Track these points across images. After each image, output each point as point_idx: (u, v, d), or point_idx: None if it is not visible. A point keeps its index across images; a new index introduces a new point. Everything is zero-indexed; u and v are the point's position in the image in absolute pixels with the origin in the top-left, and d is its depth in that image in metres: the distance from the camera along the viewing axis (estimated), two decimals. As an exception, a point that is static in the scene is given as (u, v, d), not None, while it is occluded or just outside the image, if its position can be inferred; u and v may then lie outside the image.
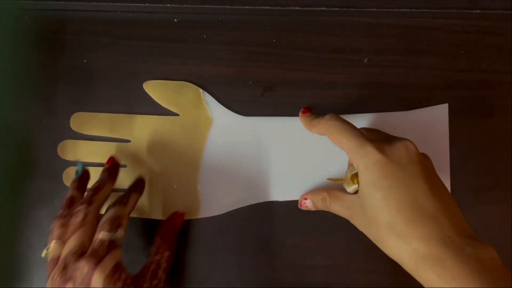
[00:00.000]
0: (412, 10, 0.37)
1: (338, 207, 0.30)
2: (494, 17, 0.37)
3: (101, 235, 0.28)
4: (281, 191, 0.36)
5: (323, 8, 0.37)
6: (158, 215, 0.36)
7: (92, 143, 0.36)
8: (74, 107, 0.37)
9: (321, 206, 0.32)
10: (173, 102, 0.37)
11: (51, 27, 0.38)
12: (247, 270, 0.36)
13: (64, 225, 0.29)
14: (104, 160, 0.36)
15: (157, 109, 0.37)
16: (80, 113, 0.37)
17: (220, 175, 0.36)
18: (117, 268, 0.27)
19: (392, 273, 0.36)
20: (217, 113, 0.37)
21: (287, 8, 0.37)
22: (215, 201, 0.36)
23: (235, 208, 0.36)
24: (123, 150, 0.36)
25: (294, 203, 0.35)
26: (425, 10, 0.37)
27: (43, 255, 0.29)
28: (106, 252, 0.27)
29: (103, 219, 0.29)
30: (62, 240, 0.28)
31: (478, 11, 0.37)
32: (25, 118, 0.37)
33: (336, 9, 0.37)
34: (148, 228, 0.36)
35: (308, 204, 0.34)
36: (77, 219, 0.29)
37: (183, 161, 0.36)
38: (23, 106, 0.37)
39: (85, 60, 0.37)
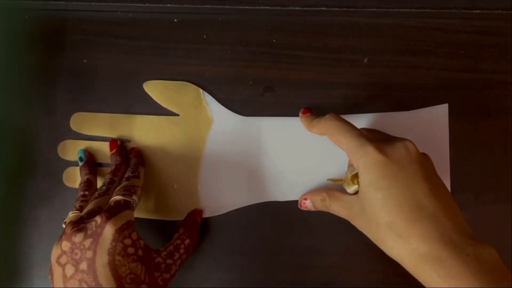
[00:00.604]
0: (412, 10, 0.37)
1: (337, 208, 0.30)
2: (494, 17, 0.37)
3: (117, 197, 0.29)
4: (281, 191, 0.36)
5: (323, 8, 0.37)
6: (158, 215, 0.36)
7: (92, 143, 0.36)
8: (74, 107, 0.37)
9: (320, 207, 0.32)
10: (173, 102, 0.37)
11: (51, 27, 0.38)
12: (247, 270, 0.36)
13: (86, 201, 0.31)
14: (104, 160, 0.36)
15: (157, 109, 0.37)
16: (80, 113, 0.37)
17: (220, 175, 0.36)
18: (129, 226, 0.28)
19: (392, 273, 0.36)
20: (217, 113, 0.37)
21: (287, 8, 0.37)
22: (215, 201, 0.36)
23: (235, 208, 0.36)
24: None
25: (294, 203, 0.35)
26: (425, 10, 0.37)
27: (63, 225, 0.30)
28: (121, 210, 0.28)
29: (118, 188, 0.31)
30: (81, 211, 0.30)
31: (478, 11, 0.37)
32: (25, 118, 0.37)
33: (336, 9, 0.37)
34: (147, 229, 0.36)
35: (307, 204, 0.34)
36: (100, 191, 0.31)
37: (183, 161, 0.36)
38: (23, 106, 0.37)
39: (85, 60, 0.37)
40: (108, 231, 0.27)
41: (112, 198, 0.29)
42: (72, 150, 0.36)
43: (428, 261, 0.24)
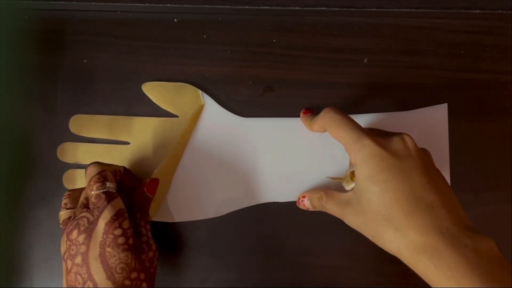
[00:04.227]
0: (412, 10, 0.37)
1: (332, 206, 0.30)
2: (494, 17, 0.37)
3: (93, 193, 0.29)
4: (281, 192, 0.36)
5: (323, 8, 0.37)
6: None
7: (91, 145, 0.36)
8: (74, 107, 0.37)
9: (317, 205, 0.32)
10: (172, 103, 0.36)
11: (51, 27, 0.38)
12: (247, 270, 0.36)
13: (68, 196, 0.32)
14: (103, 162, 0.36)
15: (156, 110, 0.37)
16: (79, 115, 0.37)
17: (220, 176, 0.36)
18: (119, 215, 0.28)
19: (392, 273, 0.36)
20: (216, 114, 0.36)
21: (287, 8, 0.37)
22: (215, 203, 0.36)
23: (235, 209, 0.36)
24: (123, 152, 0.36)
25: (294, 203, 0.35)
26: (425, 10, 0.37)
27: (61, 226, 0.32)
28: (107, 203, 0.28)
29: (87, 180, 0.30)
30: (68, 207, 0.32)
31: (478, 11, 0.37)
32: (25, 118, 0.37)
33: (336, 9, 0.37)
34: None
35: (306, 203, 0.33)
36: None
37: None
38: (22, 106, 0.37)
39: (85, 60, 0.37)
40: (100, 225, 0.28)
41: (90, 195, 0.29)
42: (71, 153, 0.36)
43: (426, 253, 0.24)
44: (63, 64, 0.37)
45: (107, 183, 0.30)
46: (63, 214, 0.32)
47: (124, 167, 0.33)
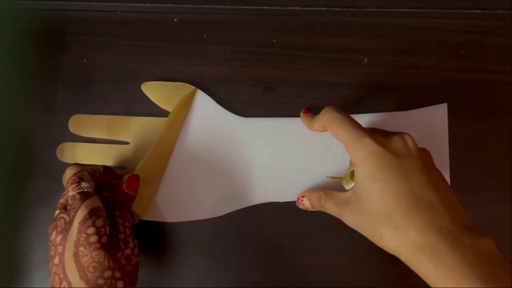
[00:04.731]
0: (412, 10, 0.37)
1: (331, 205, 0.30)
2: (494, 17, 0.37)
3: (70, 194, 0.30)
4: (280, 192, 0.36)
5: (323, 8, 0.37)
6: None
7: (90, 145, 0.36)
8: (74, 107, 0.37)
9: (316, 205, 0.32)
10: (171, 103, 0.36)
11: (51, 27, 0.38)
12: (247, 270, 0.36)
13: (64, 196, 0.32)
14: (102, 162, 0.36)
15: (156, 109, 0.37)
16: (79, 115, 0.37)
17: (219, 176, 0.36)
18: (93, 213, 0.29)
19: (392, 273, 0.36)
20: (216, 114, 0.37)
21: (287, 8, 0.37)
22: (214, 203, 0.36)
23: (236, 209, 0.36)
24: (122, 152, 0.36)
25: (294, 203, 0.35)
26: (425, 10, 0.37)
27: None
28: (81, 203, 0.29)
29: (65, 181, 0.31)
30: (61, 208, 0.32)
31: (478, 11, 0.37)
32: (24, 118, 0.37)
33: (336, 9, 0.37)
34: (143, 229, 0.36)
35: (305, 203, 0.33)
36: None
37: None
38: (22, 106, 0.37)
39: (85, 60, 0.37)
40: (74, 225, 0.28)
41: (67, 195, 0.30)
42: (70, 153, 0.36)
43: (425, 252, 0.24)
44: (63, 64, 0.37)
45: (82, 183, 0.30)
46: (58, 213, 0.31)
47: (104, 166, 0.33)
